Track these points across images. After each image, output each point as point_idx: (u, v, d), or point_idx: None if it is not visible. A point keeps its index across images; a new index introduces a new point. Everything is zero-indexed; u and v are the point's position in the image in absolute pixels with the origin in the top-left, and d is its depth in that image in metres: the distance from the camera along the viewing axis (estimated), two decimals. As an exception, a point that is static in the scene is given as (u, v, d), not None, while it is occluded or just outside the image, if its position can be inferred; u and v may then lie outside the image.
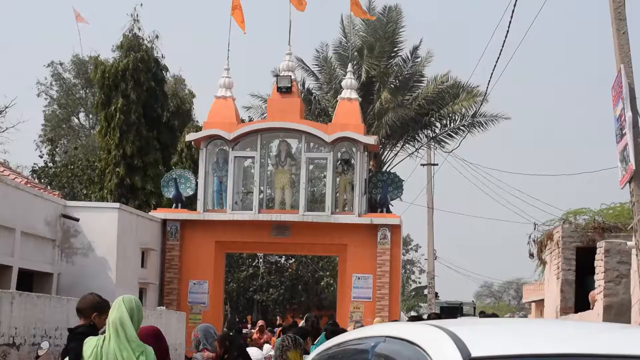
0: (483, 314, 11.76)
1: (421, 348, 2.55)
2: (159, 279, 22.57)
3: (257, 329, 19.69)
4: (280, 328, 22.33)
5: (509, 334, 2.73)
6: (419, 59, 34.28)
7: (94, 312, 6.80)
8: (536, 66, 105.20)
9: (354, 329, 15.92)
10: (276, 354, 8.62)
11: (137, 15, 29.06)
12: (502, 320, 7.28)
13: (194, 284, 22.66)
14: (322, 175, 24.74)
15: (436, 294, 39.37)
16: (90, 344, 6.25)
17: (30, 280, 18.39)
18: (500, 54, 15.70)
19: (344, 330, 11.42)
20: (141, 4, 30.12)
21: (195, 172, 23.46)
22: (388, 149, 34.25)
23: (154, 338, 6.77)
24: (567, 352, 2.44)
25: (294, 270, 34.48)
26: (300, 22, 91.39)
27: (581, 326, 3.66)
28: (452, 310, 27.13)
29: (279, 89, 23.47)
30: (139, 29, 28.97)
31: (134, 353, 6.13)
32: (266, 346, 18.18)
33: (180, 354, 17.75)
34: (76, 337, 6.84)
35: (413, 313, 39.73)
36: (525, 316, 39.31)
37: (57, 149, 39.08)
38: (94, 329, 6.65)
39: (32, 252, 18.41)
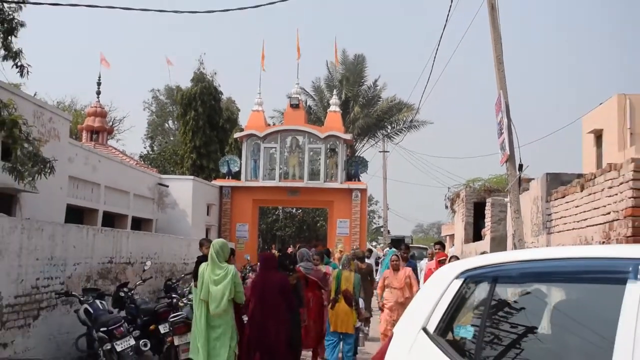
0: (439, 243, 11.78)
1: None
2: (218, 222, 22.59)
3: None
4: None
5: None
6: (378, 87, 34.35)
7: (202, 247, 7.46)
8: (454, 86, 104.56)
9: (353, 252, 14.69)
10: (344, 262, 8.97)
11: (202, 60, 29.22)
12: None
13: (240, 225, 22.71)
14: (318, 158, 24.67)
15: (388, 231, 39.43)
16: (201, 266, 6.80)
17: (139, 224, 18.51)
18: (427, 81, 15.88)
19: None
20: (204, 53, 32.71)
21: (240, 157, 23.44)
22: (358, 142, 34.20)
23: (286, 290, 6.98)
24: None
25: (301, 217, 34.53)
26: (304, 64, 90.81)
27: None
28: (398, 241, 27.03)
29: (291, 105, 23.53)
30: (204, 68, 28.92)
31: (220, 272, 6.53)
32: None
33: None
34: (197, 262, 7.73)
35: (374, 243, 39.69)
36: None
37: (154, 143, 39.04)
38: (206, 257, 7.06)
39: (140, 206, 18.46)
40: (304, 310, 7.66)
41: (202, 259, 7.47)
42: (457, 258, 9.64)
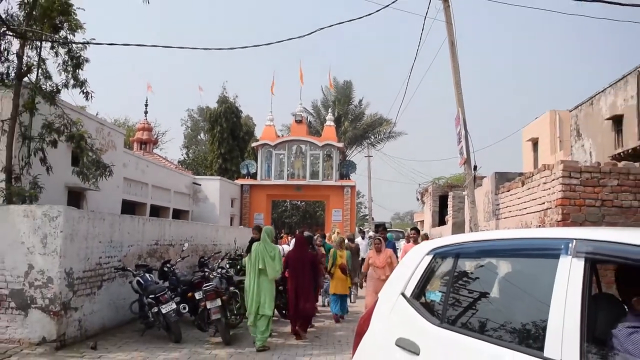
0: (414, 228, 11.30)
1: None
2: (239, 213, 22.55)
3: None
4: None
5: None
6: (362, 105, 34.35)
7: (256, 230, 7.75)
8: (423, 103, 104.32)
9: (346, 236, 14.00)
10: (337, 244, 9.62)
11: (225, 86, 29.50)
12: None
13: (256, 215, 22.64)
14: (317, 162, 24.63)
15: (372, 218, 39.26)
16: (254, 245, 7.05)
17: (178, 214, 18.50)
18: (403, 99, 15.89)
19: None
20: (227, 81, 32.40)
21: (256, 161, 23.39)
22: (349, 149, 34.15)
23: (314, 264, 7.68)
24: None
25: (304, 208, 34.43)
26: (306, 88, 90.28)
27: None
28: (381, 226, 26.90)
29: (296, 121, 23.57)
30: (226, 92, 28.94)
31: (270, 251, 6.87)
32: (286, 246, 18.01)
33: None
34: (250, 242, 7.97)
35: (362, 228, 39.39)
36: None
37: (190, 151, 38.85)
38: (255, 239, 7.54)
39: (179, 201, 18.48)
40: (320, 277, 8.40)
41: (253, 240, 7.68)
42: (427, 236, 9.70)
